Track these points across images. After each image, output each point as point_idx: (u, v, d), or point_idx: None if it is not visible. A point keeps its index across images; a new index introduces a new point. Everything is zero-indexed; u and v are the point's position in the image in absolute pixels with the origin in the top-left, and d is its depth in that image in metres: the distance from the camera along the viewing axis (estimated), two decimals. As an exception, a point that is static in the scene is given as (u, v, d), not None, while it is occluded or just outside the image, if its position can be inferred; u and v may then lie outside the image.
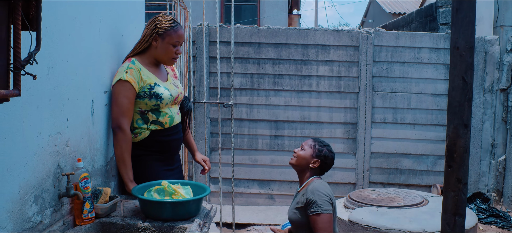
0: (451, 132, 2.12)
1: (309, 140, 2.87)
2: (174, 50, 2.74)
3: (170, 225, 2.23)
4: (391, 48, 5.50)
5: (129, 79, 2.59)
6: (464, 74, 2.09)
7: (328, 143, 2.87)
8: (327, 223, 2.62)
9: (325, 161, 2.81)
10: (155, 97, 2.65)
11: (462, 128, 2.12)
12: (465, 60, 2.08)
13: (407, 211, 4.34)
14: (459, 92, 2.11)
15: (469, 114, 2.11)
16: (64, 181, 2.13)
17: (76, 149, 2.28)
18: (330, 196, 2.68)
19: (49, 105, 2.00)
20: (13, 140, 1.73)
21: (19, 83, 1.22)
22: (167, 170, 2.85)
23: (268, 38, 5.54)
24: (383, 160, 5.61)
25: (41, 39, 1.27)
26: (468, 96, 2.09)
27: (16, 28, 1.20)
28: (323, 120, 5.60)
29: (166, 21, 2.71)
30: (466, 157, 2.12)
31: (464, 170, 2.13)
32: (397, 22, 8.42)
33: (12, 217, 1.72)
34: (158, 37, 2.70)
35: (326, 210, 2.61)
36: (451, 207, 2.17)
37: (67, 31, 2.17)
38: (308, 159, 2.79)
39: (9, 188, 1.71)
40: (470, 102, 2.10)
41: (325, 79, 5.56)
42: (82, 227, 2.16)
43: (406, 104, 5.55)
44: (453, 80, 2.11)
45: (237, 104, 5.60)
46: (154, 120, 2.70)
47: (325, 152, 2.81)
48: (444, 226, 2.21)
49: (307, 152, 2.80)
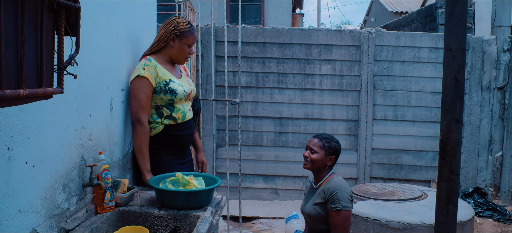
0: (444, 127, 2.29)
1: (315, 140, 2.86)
2: (188, 51, 2.95)
3: (184, 213, 2.41)
4: (391, 47, 5.67)
5: (146, 75, 2.79)
6: (456, 74, 2.27)
7: (331, 135, 2.91)
8: (347, 220, 2.72)
9: (337, 153, 2.87)
10: (170, 93, 2.85)
11: (454, 123, 2.29)
12: (457, 61, 2.25)
13: (406, 204, 4.51)
14: (452, 91, 2.28)
15: (461, 110, 2.28)
16: (88, 172, 2.31)
17: (97, 142, 2.47)
18: (350, 193, 2.76)
19: (75, 102, 2.19)
20: (46, 133, 1.91)
21: (62, 82, 1.40)
22: (179, 163, 3.04)
23: (272, 38, 5.72)
24: (384, 156, 5.78)
25: (80, 44, 1.45)
26: (460, 94, 2.26)
27: (59, 34, 1.38)
28: (325, 117, 5.78)
29: (184, 24, 2.93)
30: (458, 150, 2.30)
31: (456, 162, 2.30)
32: (398, 22, 8.58)
33: (45, 203, 1.91)
34: (176, 38, 2.91)
35: (346, 207, 2.70)
36: (444, 196, 2.34)
37: (89, 34, 2.35)
38: (323, 160, 2.82)
39: (42, 177, 1.89)
40: (461, 99, 2.27)
41: (328, 78, 5.74)
42: (103, 214, 2.34)
43: (406, 102, 5.73)
44: (446, 79, 2.28)
45: (243, 102, 5.78)
46: (168, 114, 2.89)
47: (334, 145, 2.85)
48: (438, 214, 2.38)
49: (320, 153, 2.82)
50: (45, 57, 1.32)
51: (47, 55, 1.34)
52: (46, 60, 1.33)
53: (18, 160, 1.72)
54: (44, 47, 1.30)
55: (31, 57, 1.25)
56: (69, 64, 1.42)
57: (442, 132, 2.31)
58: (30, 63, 1.25)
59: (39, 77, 1.30)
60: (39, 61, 1.29)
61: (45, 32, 1.30)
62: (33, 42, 1.27)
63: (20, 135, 1.72)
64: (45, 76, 1.31)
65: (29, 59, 1.25)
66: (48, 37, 1.34)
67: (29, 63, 1.25)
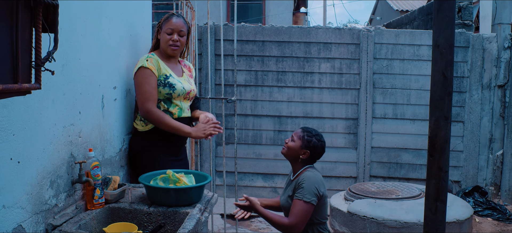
0: (432, 123, 2.28)
1: (299, 130, 2.89)
2: (169, 38, 2.97)
3: (173, 210, 2.42)
4: (391, 45, 5.66)
5: (149, 66, 2.87)
6: (444, 70, 2.26)
7: (317, 132, 2.89)
8: (305, 212, 2.69)
9: (315, 150, 2.84)
10: (168, 86, 2.90)
11: (442, 120, 2.28)
12: (445, 57, 2.25)
13: (404, 203, 4.50)
14: (440, 87, 2.27)
15: (449, 107, 2.27)
16: (77, 168, 2.33)
17: (87, 139, 2.48)
18: (318, 187, 2.74)
19: (64, 99, 2.20)
20: (32, 130, 1.93)
21: (40, 78, 1.41)
22: (173, 161, 3.05)
23: (271, 36, 5.72)
24: (384, 154, 5.77)
25: (58, 40, 1.47)
26: (448, 90, 2.25)
27: (37, 31, 1.39)
28: (325, 115, 5.77)
29: (165, 15, 3.04)
30: (446, 147, 2.29)
31: (445, 159, 2.30)
32: (400, 20, 8.56)
33: (31, 199, 1.93)
34: (160, 30, 3.02)
35: (308, 200, 2.68)
36: (433, 194, 2.34)
37: (79, 31, 2.36)
38: (297, 150, 2.84)
39: (28, 173, 1.91)
40: (450, 96, 2.26)
41: (327, 76, 5.73)
42: (93, 211, 2.36)
43: (406, 100, 5.71)
44: (434, 75, 2.27)
45: (242, 100, 5.79)
46: (165, 109, 2.94)
47: (314, 141, 2.83)
48: (427, 212, 2.37)
49: (296, 143, 2.84)
50: (21, 54, 1.33)
51: (24, 51, 1.35)
52: (22, 57, 1.34)
53: (2, 156, 1.73)
54: (19, 43, 1.31)
55: (5, 53, 1.27)
56: (47, 60, 1.43)
57: (430, 129, 2.31)
58: (4, 59, 1.26)
59: (14, 73, 1.31)
60: (14, 58, 1.30)
61: (20, 29, 1.31)
62: (8, 38, 1.28)
63: (3, 131, 1.74)
64: (20, 72, 1.32)
65: (3, 55, 1.26)
66: (24, 34, 1.35)
67: (3, 60, 1.26)
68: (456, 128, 5.72)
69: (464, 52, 5.64)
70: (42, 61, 1.42)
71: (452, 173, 5.75)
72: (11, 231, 1.79)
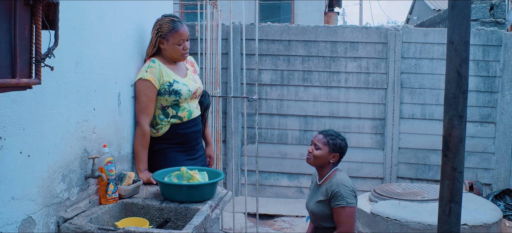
0: (446, 122, 2.22)
1: (320, 136, 2.83)
2: (180, 48, 2.94)
3: (185, 206, 2.45)
4: (419, 44, 5.54)
5: (149, 78, 2.83)
6: (458, 67, 2.20)
7: (338, 132, 2.85)
8: (351, 216, 2.68)
9: (342, 151, 2.81)
10: (174, 94, 2.88)
11: (457, 119, 2.22)
12: (460, 54, 2.19)
13: (429, 205, 4.40)
14: (454, 85, 2.21)
15: (464, 106, 2.20)
16: (91, 163, 2.38)
17: (102, 136, 2.54)
18: (353, 189, 2.72)
19: (77, 96, 2.26)
20: (43, 125, 1.99)
21: (40, 74, 1.46)
22: (189, 160, 3.07)
23: (297, 36, 5.70)
24: (411, 155, 5.65)
25: (58, 37, 1.51)
26: (462, 88, 2.19)
27: (37, 28, 1.44)
28: (351, 115, 5.70)
29: (166, 24, 2.90)
30: (461, 147, 2.22)
31: (459, 159, 2.23)
32: (433, 19, 8.37)
33: (41, 191, 1.99)
34: (163, 40, 2.92)
35: (350, 203, 2.66)
36: (446, 195, 2.27)
37: (94, 30, 2.42)
38: (326, 156, 2.78)
39: (39, 166, 1.97)
40: (464, 94, 2.19)
41: (354, 75, 5.66)
42: (106, 205, 2.41)
43: (435, 100, 5.57)
44: (448, 73, 2.21)
45: (268, 100, 5.79)
46: (174, 114, 2.93)
47: (340, 143, 2.80)
48: (441, 213, 2.31)
49: (323, 149, 2.77)
50: (20, 49, 1.38)
51: (23, 47, 1.40)
52: (21, 53, 1.39)
53: (11, 149, 1.79)
54: (18, 40, 1.36)
55: (3, 49, 1.31)
56: (47, 56, 1.48)
57: (444, 128, 2.25)
58: (2, 55, 1.31)
59: (12, 69, 1.36)
60: (12, 53, 1.35)
61: (19, 25, 1.36)
62: (6, 35, 1.32)
63: (13, 125, 1.80)
64: (19, 67, 1.37)
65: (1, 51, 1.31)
66: (24, 31, 1.40)
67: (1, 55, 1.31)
68: (487, 129, 5.54)
69: (496, 51, 5.45)
70: (42, 57, 1.46)
71: (483, 175, 5.57)
72: (20, 222, 1.85)
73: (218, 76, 4.62)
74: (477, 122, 5.55)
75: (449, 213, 2.29)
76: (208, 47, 4.34)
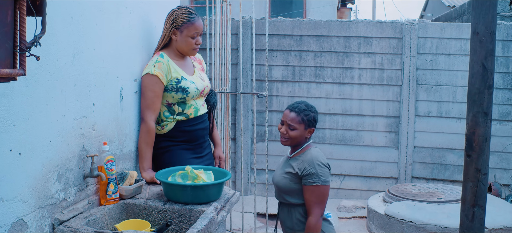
0: (470, 120, 2.06)
1: (292, 114, 2.57)
2: (193, 42, 2.82)
3: (189, 208, 2.31)
4: (436, 39, 5.34)
5: (156, 73, 2.70)
6: (483, 60, 2.03)
7: (307, 103, 2.62)
8: (325, 195, 2.51)
9: (316, 122, 2.62)
10: (181, 91, 2.75)
11: (481, 116, 2.05)
12: (485, 46, 2.01)
13: (446, 206, 4.22)
14: (479, 79, 2.04)
15: (489, 102, 2.03)
16: (89, 162, 2.25)
17: (103, 133, 2.41)
18: (328, 165, 2.55)
19: (74, 90, 2.13)
20: (36, 121, 1.86)
21: (24, 64, 1.33)
22: (195, 158, 2.94)
23: (309, 31, 5.53)
24: (427, 155, 5.46)
25: (46, 24, 1.37)
26: (488, 83, 2.02)
27: (21, 14, 1.31)
28: (364, 112, 5.52)
29: (182, 15, 2.78)
30: (485, 146, 2.06)
31: (484, 160, 2.07)
32: (449, 15, 8.14)
33: (34, 192, 1.86)
34: (176, 31, 2.79)
35: (325, 182, 2.50)
36: (470, 198, 2.12)
37: (94, 21, 2.29)
38: (303, 134, 2.57)
39: (32, 165, 1.84)
40: (490, 89, 2.02)
41: (367, 71, 5.48)
42: (105, 206, 2.28)
43: (452, 98, 5.37)
44: (472, 66, 2.05)
45: (278, 96, 5.64)
46: (180, 111, 2.81)
47: (313, 116, 2.59)
48: (463, 218, 2.15)
49: (299, 129, 2.56)
50: (1, 37, 1.25)
51: (4, 35, 1.27)
52: (3, 41, 1.26)
53: (0, 147, 1.67)
54: (-1, 26, 1.23)
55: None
56: (33, 44, 1.34)
57: (468, 126, 2.08)
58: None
59: (-8, 58, 1.23)
60: (-9, 41, 1.22)
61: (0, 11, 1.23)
62: (-16, 20, 1.20)
63: (2, 121, 1.67)
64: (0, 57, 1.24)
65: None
66: (6, 16, 1.27)
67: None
68: (507, 128, 5.33)
69: (518, 46, 5.24)
70: (27, 45, 1.33)
71: (502, 175, 5.37)
72: (10, 225, 1.72)
73: (227, 72, 4.47)
74: (495, 120, 5.34)
75: (472, 218, 2.13)
76: (217, 42, 4.20)
